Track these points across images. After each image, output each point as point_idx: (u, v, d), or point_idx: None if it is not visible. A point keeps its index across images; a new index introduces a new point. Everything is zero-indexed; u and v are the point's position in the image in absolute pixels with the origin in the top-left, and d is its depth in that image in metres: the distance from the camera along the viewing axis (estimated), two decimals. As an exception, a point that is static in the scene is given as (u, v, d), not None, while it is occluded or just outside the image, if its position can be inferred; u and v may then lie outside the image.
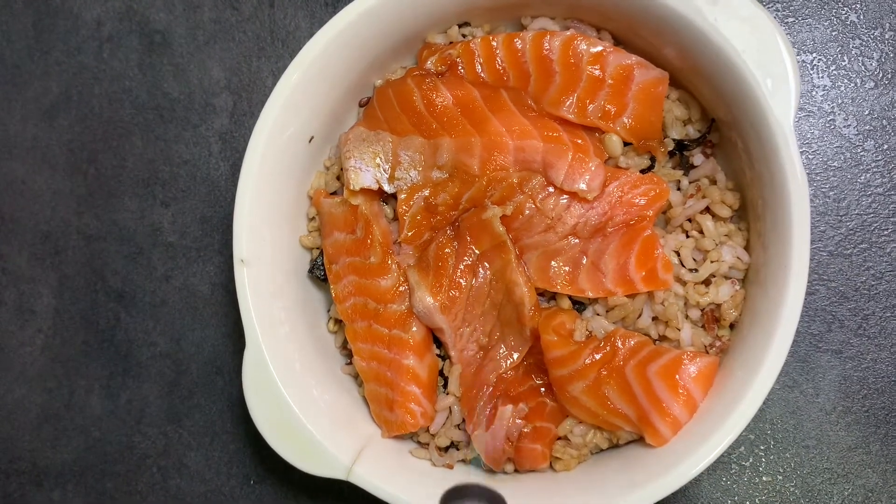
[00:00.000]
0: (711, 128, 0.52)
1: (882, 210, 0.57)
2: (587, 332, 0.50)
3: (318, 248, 0.56)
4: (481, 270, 0.51)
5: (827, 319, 0.57)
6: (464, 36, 0.54)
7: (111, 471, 0.63)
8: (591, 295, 0.50)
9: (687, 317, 0.50)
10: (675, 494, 0.46)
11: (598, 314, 0.51)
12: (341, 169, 0.54)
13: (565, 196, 0.50)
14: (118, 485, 0.63)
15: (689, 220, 0.51)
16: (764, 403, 0.45)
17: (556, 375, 0.50)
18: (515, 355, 0.51)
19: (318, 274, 0.55)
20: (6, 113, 0.65)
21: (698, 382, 0.48)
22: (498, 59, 0.52)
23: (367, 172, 0.52)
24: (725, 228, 0.51)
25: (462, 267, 0.51)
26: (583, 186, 0.49)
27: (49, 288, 0.64)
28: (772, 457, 0.57)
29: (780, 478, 0.57)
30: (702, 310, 0.50)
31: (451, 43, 0.54)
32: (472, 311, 0.51)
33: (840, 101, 0.58)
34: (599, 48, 0.50)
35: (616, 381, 0.49)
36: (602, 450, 0.52)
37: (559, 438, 0.52)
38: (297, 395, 0.50)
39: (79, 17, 0.65)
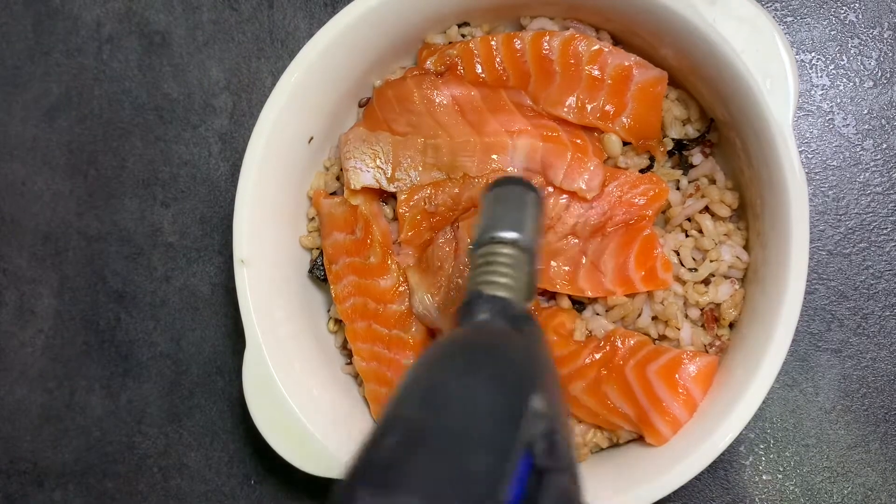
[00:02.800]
0: (710, 127, 0.52)
1: (881, 209, 0.57)
2: (587, 332, 0.50)
3: (317, 249, 0.56)
4: (481, 270, 0.51)
5: (826, 318, 0.57)
6: (463, 36, 0.54)
7: (112, 471, 0.63)
8: (590, 294, 0.50)
9: (686, 316, 0.50)
10: (674, 493, 0.46)
11: (597, 314, 0.51)
12: (341, 169, 0.54)
13: (564, 196, 0.50)
14: (119, 485, 0.63)
15: (689, 220, 0.51)
16: (763, 402, 0.45)
17: (556, 375, 0.50)
18: (515, 355, 0.51)
19: (318, 274, 0.55)
20: (6, 114, 0.65)
21: (698, 382, 0.48)
22: (497, 59, 0.52)
23: (366, 173, 0.52)
24: (725, 228, 0.51)
25: (462, 267, 0.51)
26: (582, 186, 0.49)
27: (49, 289, 0.64)
28: (771, 455, 0.57)
29: (780, 476, 0.57)
30: (701, 309, 0.50)
31: (450, 43, 0.54)
32: (471, 310, 0.51)
33: (839, 101, 0.58)
34: (598, 48, 0.50)
35: (616, 381, 0.49)
36: (602, 449, 0.52)
37: (559, 438, 0.52)
38: (298, 395, 0.50)
39: (78, 18, 0.65)
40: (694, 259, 0.51)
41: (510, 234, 0.36)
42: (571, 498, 0.29)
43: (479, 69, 0.52)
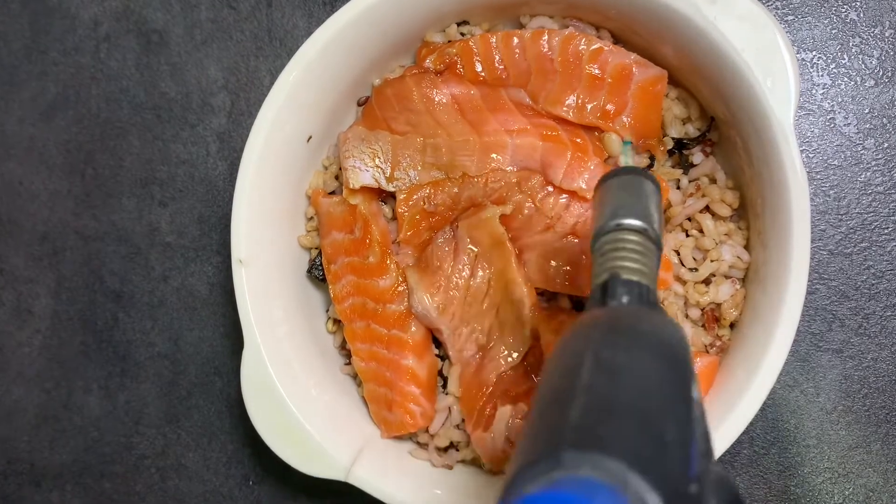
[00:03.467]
0: (711, 126, 0.52)
1: (882, 209, 0.57)
2: (587, 332, 0.50)
3: (316, 248, 0.55)
4: (480, 270, 0.51)
5: (827, 318, 0.56)
6: (462, 35, 0.54)
7: (109, 471, 0.63)
8: (590, 294, 0.50)
9: (687, 316, 0.50)
10: (675, 494, 0.46)
11: (597, 314, 0.51)
12: (340, 168, 0.54)
13: (565, 195, 0.50)
14: (117, 485, 0.63)
15: (689, 219, 0.51)
16: (764, 403, 0.45)
17: (556, 375, 0.50)
18: (515, 355, 0.51)
19: (317, 274, 0.55)
20: (3, 113, 0.65)
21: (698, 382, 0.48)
22: (496, 57, 0.51)
23: (365, 172, 0.52)
24: (725, 227, 0.51)
25: (461, 267, 0.51)
26: (582, 185, 0.49)
27: (47, 288, 0.64)
28: (772, 456, 0.56)
29: (781, 477, 0.56)
30: (702, 309, 0.50)
31: (449, 42, 0.53)
32: (470, 310, 0.51)
33: (840, 100, 0.57)
34: (598, 47, 0.50)
35: (616, 381, 0.48)
36: (602, 450, 0.52)
37: (559, 438, 0.51)
38: (296, 396, 0.50)
39: (76, 17, 0.64)
40: (694, 259, 0.50)
41: (638, 223, 0.36)
42: (730, 484, 0.28)
43: (478, 68, 0.52)
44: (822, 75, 0.58)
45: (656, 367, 0.28)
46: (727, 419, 0.45)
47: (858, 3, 0.57)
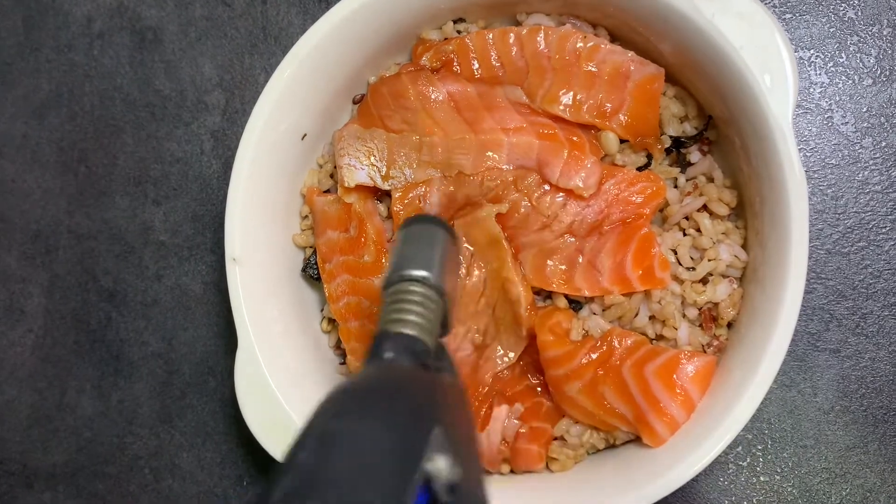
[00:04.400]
0: (708, 125, 0.51)
1: (880, 208, 0.56)
2: (583, 332, 0.50)
3: (311, 247, 0.55)
4: (476, 269, 0.51)
5: (825, 318, 0.56)
6: (459, 32, 0.54)
7: (103, 472, 0.62)
8: (587, 294, 0.49)
9: (684, 316, 0.50)
10: (672, 495, 0.45)
11: (594, 313, 0.50)
12: (335, 167, 0.53)
13: (561, 194, 0.49)
14: (110, 486, 0.62)
15: (687, 218, 0.51)
16: (761, 403, 0.45)
17: (553, 375, 0.49)
18: (511, 355, 0.51)
19: (312, 273, 0.55)
20: (-4, 110, 0.64)
21: (696, 382, 0.47)
22: (493, 55, 0.51)
23: (361, 170, 0.52)
24: (723, 226, 0.51)
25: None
26: (579, 184, 0.49)
27: (40, 287, 0.64)
28: (769, 456, 0.56)
29: (778, 478, 0.56)
30: (699, 309, 0.50)
31: (445, 39, 0.53)
32: (466, 310, 0.51)
33: (838, 98, 0.57)
34: (595, 44, 0.50)
35: (613, 381, 0.48)
36: (599, 450, 0.52)
37: (555, 439, 0.51)
38: (290, 396, 0.50)
39: (69, 13, 0.64)
40: (692, 258, 0.50)
41: (419, 272, 0.37)
42: None
43: (474, 65, 0.52)
44: (819, 74, 0.57)
45: (377, 433, 0.28)
46: (725, 419, 0.45)
47: (856, 2, 0.57)
